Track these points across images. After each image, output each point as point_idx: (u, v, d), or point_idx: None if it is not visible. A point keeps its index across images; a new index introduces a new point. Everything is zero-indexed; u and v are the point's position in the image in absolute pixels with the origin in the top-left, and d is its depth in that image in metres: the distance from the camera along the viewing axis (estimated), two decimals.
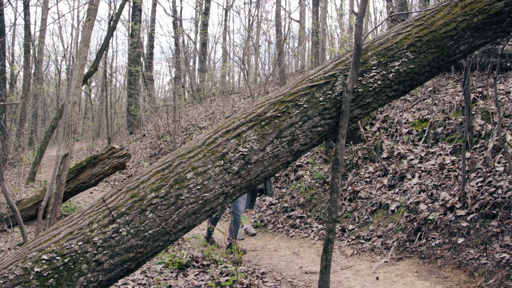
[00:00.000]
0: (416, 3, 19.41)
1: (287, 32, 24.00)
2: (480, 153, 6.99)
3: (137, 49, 27.11)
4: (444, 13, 4.07)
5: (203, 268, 5.69)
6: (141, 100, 28.16)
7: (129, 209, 3.12)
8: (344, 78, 3.68)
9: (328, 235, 3.72)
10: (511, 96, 7.83)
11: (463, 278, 5.12)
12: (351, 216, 7.67)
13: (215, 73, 32.43)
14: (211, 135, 3.44)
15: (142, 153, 20.08)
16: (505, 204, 5.63)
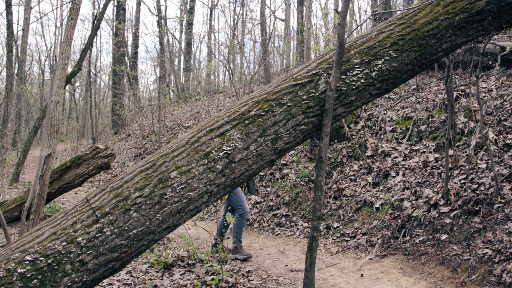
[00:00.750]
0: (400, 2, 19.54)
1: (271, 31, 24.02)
2: (463, 151, 7.06)
3: (121, 48, 26.97)
4: (427, 11, 4.10)
5: (189, 268, 5.69)
6: (126, 100, 28.01)
7: (113, 208, 3.11)
8: (327, 76, 3.70)
9: (312, 232, 3.74)
10: (493, 94, 7.91)
11: (447, 274, 5.18)
12: (336, 214, 7.71)
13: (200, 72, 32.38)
14: (195, 134, 3.44)
15: (127, 153, 19.98)
16: (487, 200, 5.69)
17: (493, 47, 8.86)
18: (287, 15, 28.66)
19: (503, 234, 5.11)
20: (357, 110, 10.08)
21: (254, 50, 25.68)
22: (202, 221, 9.73)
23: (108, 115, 31.53)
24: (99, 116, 29.76)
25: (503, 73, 8.60)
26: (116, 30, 27.53)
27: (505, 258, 4.79)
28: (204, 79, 30.01)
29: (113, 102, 27.61)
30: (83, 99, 38.51)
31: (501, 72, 8.71)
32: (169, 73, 28.06)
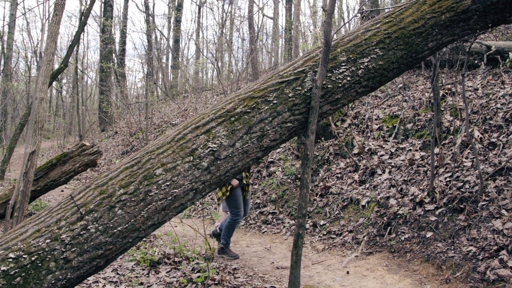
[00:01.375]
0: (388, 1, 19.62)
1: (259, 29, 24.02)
2: (448, 149, 7.11)
3: (109, 45, 26.84)
4: (413, 10, 4.12)
5: (175, 265, 5.68)
6: (113, 97, 27.88)
7: (98, 206, 3.09)
8: (313, 74, 3.70)
9: (298, 230, 3.75)
10: (479, 93, 7.97)
11: (432, 271, 5.21)
12: (323, 212, 7.73)
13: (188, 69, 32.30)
14: (180, 131, 3.43)
15: (114, 150, 19.89)
16: (472, 198, 5.74)
17: (479, 46, 8.92)
18: (275, 13, 28.69)
19: (487, 231, 5.15)
20: (344, 108, 10.11)
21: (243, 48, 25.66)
22: (188, 219, 9.71)
23: (95, 112, 31.35)
24: (86, 113, 29.58)
25: (489, 72, 8.66)
26: (103, 26, 27.40)
27: (489, 256, 4.83)
28: (192, 77, 29.94)
29: (100, 99, 27.47)
30: (70, 96, 38.28)
31: (486, 71, 8.77)
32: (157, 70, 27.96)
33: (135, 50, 60.83)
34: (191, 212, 10.33)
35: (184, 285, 4.96)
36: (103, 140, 23.55)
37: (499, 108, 7.10)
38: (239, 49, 26.93)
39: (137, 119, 21.01)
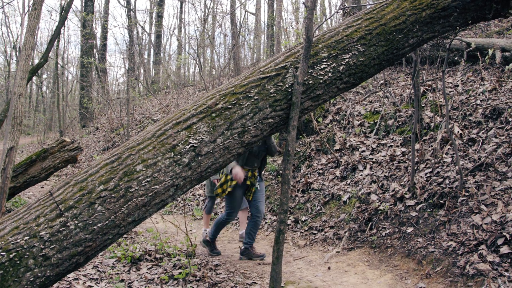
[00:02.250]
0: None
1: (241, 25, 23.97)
2: (429, 145, 7.17)
3: (89, 40, 26.57)
4: (394, 7, 4.13)
5: (156, 262, 5.65)
6: (94, 93, 27.64)
7: (77, 202, 3.06)
8: (295, 70, 3.70)
9: (279, 226, 3.75)
10: (459, 89, 8.04)
11: (412, 266, 5.25)
12: (304, 208, 7.75)
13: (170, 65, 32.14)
14: (161, 127, 3.40)
15: (95, 146, 19.74)
16: (452, 194, 5.79)
17: (459, 43, 9.00)
18: (257, 8, 28.66)
19: (467, 226, 5.21)
20: (325, 104, 10.14)
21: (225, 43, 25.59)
22: (170, 215, 9.67)
23: (76, 108, 31.09)
24: (66, 109, 29.31)
25: (469, 69, 8.74)
26: (84, 21, 27.09)
27: (468, 250, 4.88)
28: (174, 72, 29.81)
29: (81, 95, 27.23)
30: (50, 91, 37.85)
31: (466, 67, 8.86)
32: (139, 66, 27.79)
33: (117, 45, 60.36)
34: (173, 209, 10.29)
35: (165, 281, 4.94)
36: (84, 136, 23.37)
37: (479, 104, 7.18)
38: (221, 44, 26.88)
39: (118, 115, 20.87)
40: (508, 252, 4.56)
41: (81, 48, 28.94)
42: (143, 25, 33.04)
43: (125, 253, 5.72)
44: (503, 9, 4.34)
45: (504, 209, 5.11)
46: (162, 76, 29.62)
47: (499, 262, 4.52)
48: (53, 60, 27.32)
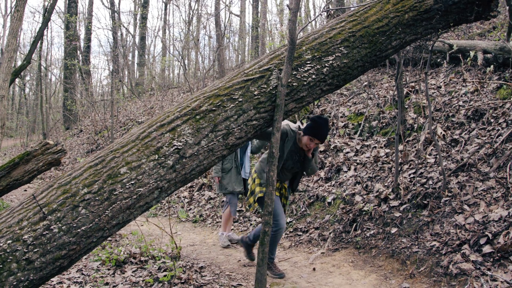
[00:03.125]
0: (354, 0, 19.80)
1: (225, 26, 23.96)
2: (412, 146, 7.23)
3: (73, 42, 26.38)
4: (377, 9, 4.16)
5: (141, 264, 5.63)
6: (78, 95, 27.44)
7: (61, 205, 3.04)
8: (279, 72, 3.71)
9: (264, 227, 3.76)
10: (442, 90, 8.12)
11: (396, 267, 5.29)
12: (289, 209, 7.77)
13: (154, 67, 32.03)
14: (145, 129, 3.40)
15: (79, 149, 19.61)
16: (436, 194, 5.85)
17: (442, 45, 9.08)
18: (242, 10, 28.67)
19: (450, 226, 5.26)
20: (309, 106, 10.18)
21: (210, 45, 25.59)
22: (155, 218, 9.64)
23: (59, 110, 30.83)
24: (50, 111, 29.06)
25: (452, 70, 8.83)
26: (67, 23, 26.91)
27: (451, 250, 4.92)
28: (159, 74, 29.71)
29: (64, 97, 27.01)
30: (33, 93, 37.51)
31: (449, 69, 8.94)
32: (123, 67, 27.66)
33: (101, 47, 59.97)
34: (158, 211, 10.25)
35: (150, 284, 4.92)
36: (68, 138, 23.19)
37: (461, 105, 7.25)
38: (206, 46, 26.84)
39: (102, 117, 20.75)
40: (490, 252, 4.61)
41: (64, 49, 28.71)
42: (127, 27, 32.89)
43: (109, 256, 5.69)
44: (484, 11, 4.39)
45: (487, 209, 5.16)
46: (147, 78, 29.51)
47: (482, 261, 4.57)
48: (36, 62, 27.11)
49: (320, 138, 4.94)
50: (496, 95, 6.99)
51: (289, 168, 5.30)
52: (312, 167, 5.34)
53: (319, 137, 4.93)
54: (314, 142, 4.98)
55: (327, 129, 4.97)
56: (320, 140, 4.96)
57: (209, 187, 10.12)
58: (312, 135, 4.93)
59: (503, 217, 4.89)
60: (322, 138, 4.95)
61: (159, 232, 7.72)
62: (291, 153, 5.19)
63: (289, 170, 5.35)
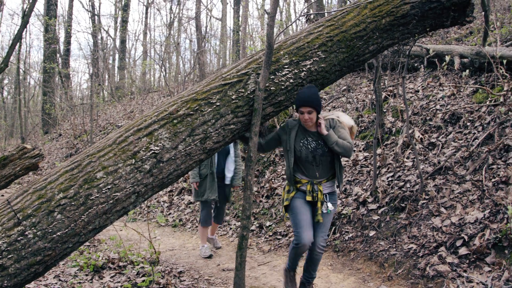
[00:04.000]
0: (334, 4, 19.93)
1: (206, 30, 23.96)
2: (390, 149, 7.29)
3: (52, 45, 26.12)
4: (354, 14, 4.20)
5: (119, 270, 5.59)
6: (57, 99, 27.18)
7: (36, 210, 3.02)
8: (256, 76, 3.73)
9: (242, 232, 3.77)
10: (420, 94, 8.21)
11: (374, 269, 5.33)
12: (269, 213, 7.77)
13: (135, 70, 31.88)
14: (122, 134, 3.39)
15: (58, 153, 19.41)
16: (413, 197, 5.90)
17: (420, 49, 9.19)
18: (223, 14, 28.68)
19: (427, 229, 5.31)
20: (289, 110, 10.21)
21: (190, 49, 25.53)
22: (134, 222, 9.59)
23: (38, 114, 30.48)
24: (28, 115, 28.74)
25: (429, 75, 8.93)
26: (47, 25, 26.64)
27: (428, 252, 4.98)
28: (139, 78, 29.56)
29: (43, 101, 26.71)
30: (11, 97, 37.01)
31: (427, 73, 9.04)
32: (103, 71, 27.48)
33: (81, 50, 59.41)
34: (137, 216, 10.19)
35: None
36: (46, 142, 22.94)
37: (438, 109, 7.34)
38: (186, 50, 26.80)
39: (82, 121, 20.59)
40: (466, 254, 4.67)
41: (43, 53, 28.41)
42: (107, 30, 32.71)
43: (87, 262, 5.64)
44: (460, 17, 4.46)
45: (463, 211, 5.23)
46: (127, 82, 29.35)
47: (458, 263, 4.63)
48: (14, 65, 26.77)
49: (309, 104, 4.04)
50: (472, 99, 7.08)
51: (310, 158, 4.32)
52: (337, 143, 4.21)
53: (306, 103, 4.02)
54: (307, 113, 4.11)
55: (313, 94, 4.00)
56: (310, 106, 4.05)
57: (189, 191, 10.08)
58: (299, 105, 4.05)
59: (478, 219, 4.96)
60: (310, 104, 4.04)
61: (138, 237, 7.68)
62: (301, 141, 4.32)
63: (311, 161, 4.33)
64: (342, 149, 4.22)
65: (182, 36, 27.66)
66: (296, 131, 4.36)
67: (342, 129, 4.36)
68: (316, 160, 4.34)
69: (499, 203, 4.96)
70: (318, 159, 4.33)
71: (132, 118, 17.27)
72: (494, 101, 6.52)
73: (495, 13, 10.20)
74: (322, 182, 4.42)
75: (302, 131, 4.36)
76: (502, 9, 10.82)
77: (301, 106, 4.07)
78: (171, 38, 24.75)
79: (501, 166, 5.50)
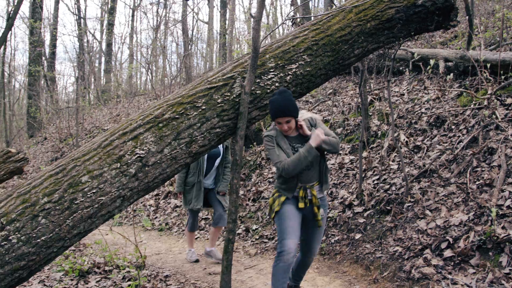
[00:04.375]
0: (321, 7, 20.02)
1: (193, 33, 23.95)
2: (376, 152, 7.33)
3: (38, 48, 25.94)
4: (340, 18, 4.23)
5: (105, 274, 5.57)
6: (42, 102, 26.99)
7: (20, 215, 3.00)
8: (242, 80, 3.74)
9: (228, 235, 3.77)
10: (405, 98, 8.27)
11: (360, 272, 5.35)
12: (255, 216, 7.78)
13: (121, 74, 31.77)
14: (107, 137, 3.38)
15: (43, 157, 19.25)
16: (398, 200, 5.94)
17: (405, 53, 9.26)
18: (210, 17, 28.67)
19: (412, 232, 5.35)
20: None
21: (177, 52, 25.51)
22: (119, 226, 9.54)
23: (23, 118, 30.23)
24: (13, 119, 28.52)
25: (414, 78, 9.00)
26: (32, 28, 26.45)
27: (414, 255, 5.01)
28: (126, 81, 29.46)
29: (28, 104, 26.50)
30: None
31: (412, 77, 9.11)
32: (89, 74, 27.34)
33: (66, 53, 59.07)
34: (123, 219, 10.15)
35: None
36: (32, 146, 22.76)
37: (424, 112, 7.39)
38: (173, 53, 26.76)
39: (67, 125, 20.46)
40: (451, 256, 4.71)
41: (29, 55, 28.19)
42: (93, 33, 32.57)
43: (73, 266, 5.61)
44: (444, 21, 4.51)
45: (448, 214, 5.27)
46: (113, 85, 29.22)
47: (443, 265, 4.66)
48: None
49: (287, 114, 3.81)
50: (457, 102, 7.15)
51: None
52: (325, 141, 3.99)
53: (283, 113, 3.80)
54: (285, 123, 3.89)
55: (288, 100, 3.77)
56: (288, 115, 3.83)
57: (175, 195, 10.05)
58: (275, 116, 3.84)
59: (463, 222, 5.00)
60: (288, 113, 3.82)
61: (124, 241, 7.65)
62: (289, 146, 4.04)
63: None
64: (330, 145, 4.04)
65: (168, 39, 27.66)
66: (282, 138, 4.05)
67: (322, 125, 4.20)
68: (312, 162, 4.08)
69: (483, 206, 5.00)
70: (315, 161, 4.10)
71: (118, 121, 17.20)
72: (478, 104, 6.58)
73: (479, 17, 10.31)
74: (314, 185, 4.19)
75: (285, 137, 4.07)
76: (486, 13, 10.94)
77: (278, 117, 3.84)
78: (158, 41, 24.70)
79: (485, 169, 5.55)
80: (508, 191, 5.02)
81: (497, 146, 5.66)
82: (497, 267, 4.35)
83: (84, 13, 31.35)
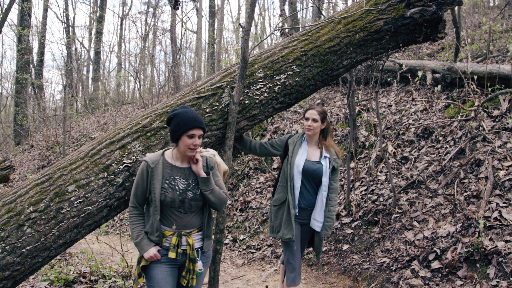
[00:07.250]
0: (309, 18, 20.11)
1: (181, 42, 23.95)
2: (364, 163, 7.34)
3: (25, 55, 25.79)
4: (329, 29, 4.24)
5: (91, 284, 5.50)
6: (29, 110, 26.79)
7: (5, 224, 2.96)
8: (231, 90, 3.73)
9: (215, 245, 3.74)
10: (393, 109, 8.30)
11: (348, 283, 5.33)
12: (242, 226, 7.74)
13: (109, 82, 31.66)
14: (94, 147, 3.35)
15: (29, 165, 19.09)
16: (386, 211, 5.94)
17: (393, 64, 9.31)
18: (198, 27, 28.71)
19: (400, 243, 5.34)
20: (263, 123, 10.22)
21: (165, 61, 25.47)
22: (106, 236, 9.45)
23: (10, 125, 30.00)
24: (0, 126, 28.26)
25: (402, 89, 9.04)
26: (20, 36, 26.31)
27: (401, 266, 5.00)
28: (114, 89, 29.35)
29: (15, 112, 26.31)
30: None
31: (400, 88, 9.16)
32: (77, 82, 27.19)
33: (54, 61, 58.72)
34: (109, 229, 10.06)
35: None
36: (18, 154, 22.56)
37: (411, 124, 7.43)
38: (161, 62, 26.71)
39: (54, 133, 20.31)
40: (439, 267, 4.70)
41: (16, 63, 28.02)
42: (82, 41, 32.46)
43: (58, 276, 5.54)
44: (432, 33, 4.54)
45: (435, 225, 5.28)
46: (101, 93, 29.10)
47: (431, 277, 4.66)
48: None
49: (201, 125, 3.04)
50: (444, 113, 7.19)
51: (176, 203, 3.07)
52: (213, 192, 3.15)
53: (198, 123, 3.02)
54: (197, 138, 3.02)
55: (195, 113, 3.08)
56: (202, 127, 3.06)
57: None
58: (189, 127, 2.99)
59: (451, 233, 5.01)
60: (202, 123, 3.05)
61: (110, 251, 7.57)
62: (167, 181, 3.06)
63: (177, 206, 3.08)
64: (217, 199, 3.18)
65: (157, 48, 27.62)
66: (162, 167, 3.09)
67: (219, 173, 3.33)
68: (185, 205, 3.11)
69: (470, 217, 5.01)
70: (188, 204, 3.11)
71: (106, 130, 17.10)
72: (465, 116, 6.62)
73: (466, 29, 10.41)
74: (193, 232, 3.20)
75: (168, 167, 3.10)
76: (473, 26, 11.05)
77: (193, 128, 3.00)
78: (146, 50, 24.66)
79: (472, 180, 5.57)
80: (495, 202, 5.04)
81: (484, 157, 5.69)
82: (484, 278, 4.35)
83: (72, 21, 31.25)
